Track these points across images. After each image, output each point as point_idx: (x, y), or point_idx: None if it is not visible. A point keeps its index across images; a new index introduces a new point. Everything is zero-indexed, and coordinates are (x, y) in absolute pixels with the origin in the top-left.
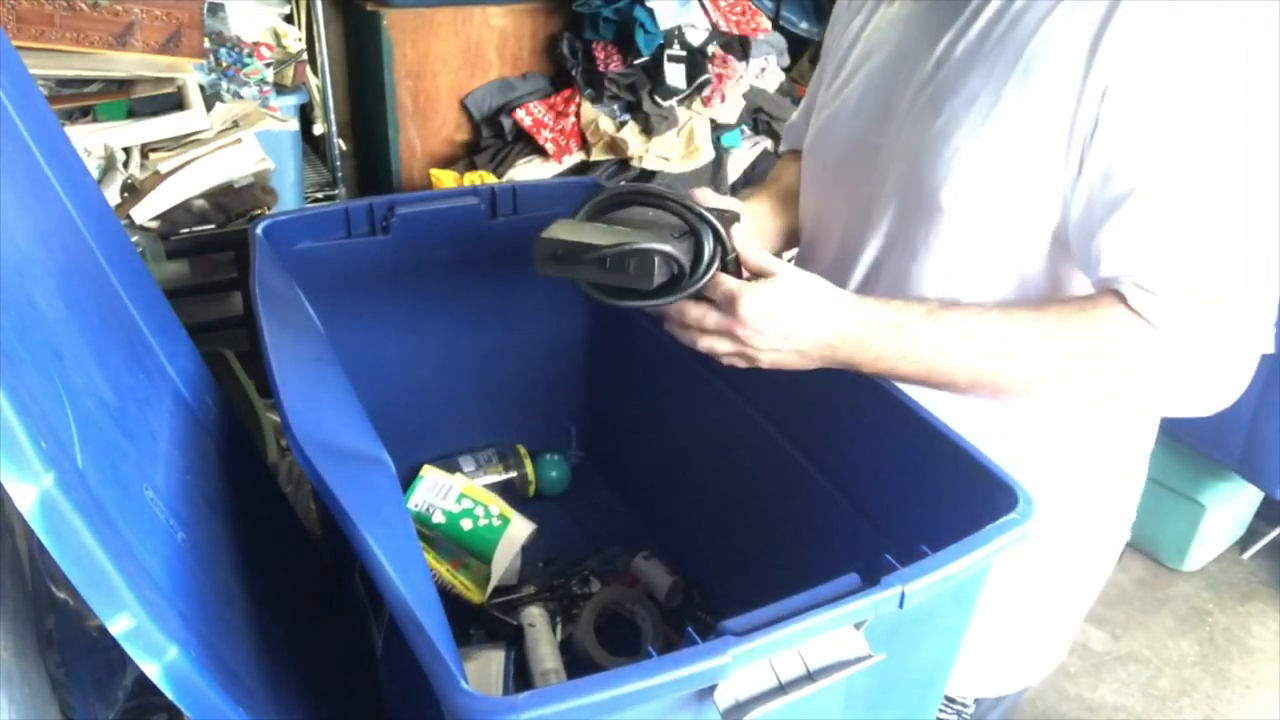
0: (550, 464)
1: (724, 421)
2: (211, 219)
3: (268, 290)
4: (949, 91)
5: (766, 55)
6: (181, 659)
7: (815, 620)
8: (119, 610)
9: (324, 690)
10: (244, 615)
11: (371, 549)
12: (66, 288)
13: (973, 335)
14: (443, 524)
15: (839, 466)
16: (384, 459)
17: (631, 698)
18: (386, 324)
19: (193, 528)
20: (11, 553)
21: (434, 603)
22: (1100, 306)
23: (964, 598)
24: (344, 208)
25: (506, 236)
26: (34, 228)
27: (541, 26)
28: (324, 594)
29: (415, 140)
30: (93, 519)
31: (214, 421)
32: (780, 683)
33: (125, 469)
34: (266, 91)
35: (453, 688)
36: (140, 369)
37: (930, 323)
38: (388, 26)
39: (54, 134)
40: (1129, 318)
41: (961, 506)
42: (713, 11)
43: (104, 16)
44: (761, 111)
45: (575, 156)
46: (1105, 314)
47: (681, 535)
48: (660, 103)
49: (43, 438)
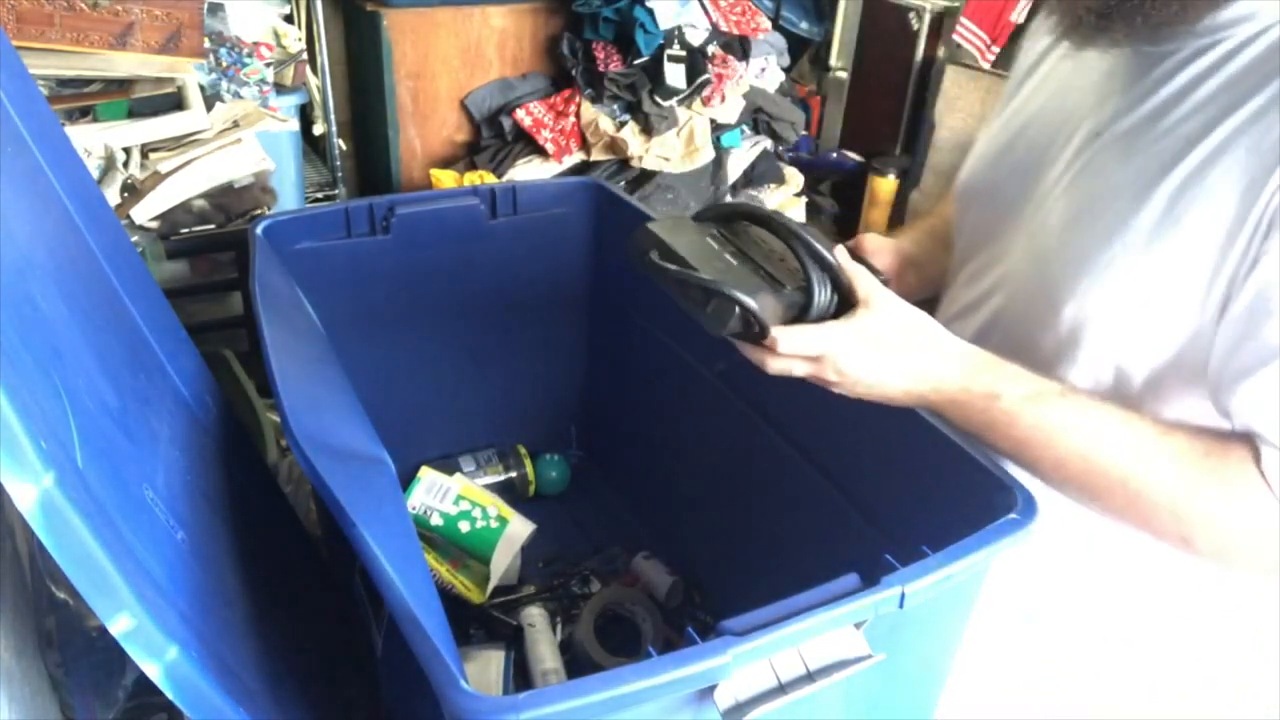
0: (550, 464)
1: (724, 421)
2: (211, 219)
3: (268, 290)
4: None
5: (766, 55)
6: (181, 659)
7: (815, 620)
8: (119, 610)
9: (324, 690)
10: (244, 615)
11: (371, 549)
12: (66, 288)
13: (1074, 437)
14: (441, 526)
15: (839, 466)
16: (384, 459)
17: (631, 698)
18: (386, 324)
19: (193, 528)
20: (11, 553)
21: (434, 603)
22: (1230, 460)
23: (964, 598)
24: (344, 208)
25: (506, 236)
26: (34, 228)
27: (541, 26)
28: (324, 594)
29: (415, 140)
30: (93, 519)
31: (214, 421)
32: (780, 683)
33: (125, 469)
34: (266, 91)
35: (453, 688)
36: (140, 369)
37: (1029, 407)
38: (388, 26)
39: (54, 134)
40: (1258, 484)
41: (961, 506)
42: (713, 11)
43: (104, 16)
44: (761, 111)
45: (575, 156)
46: (1235, 472)
47: (681, 535)
48: (660, 103)
49: (43, 438)
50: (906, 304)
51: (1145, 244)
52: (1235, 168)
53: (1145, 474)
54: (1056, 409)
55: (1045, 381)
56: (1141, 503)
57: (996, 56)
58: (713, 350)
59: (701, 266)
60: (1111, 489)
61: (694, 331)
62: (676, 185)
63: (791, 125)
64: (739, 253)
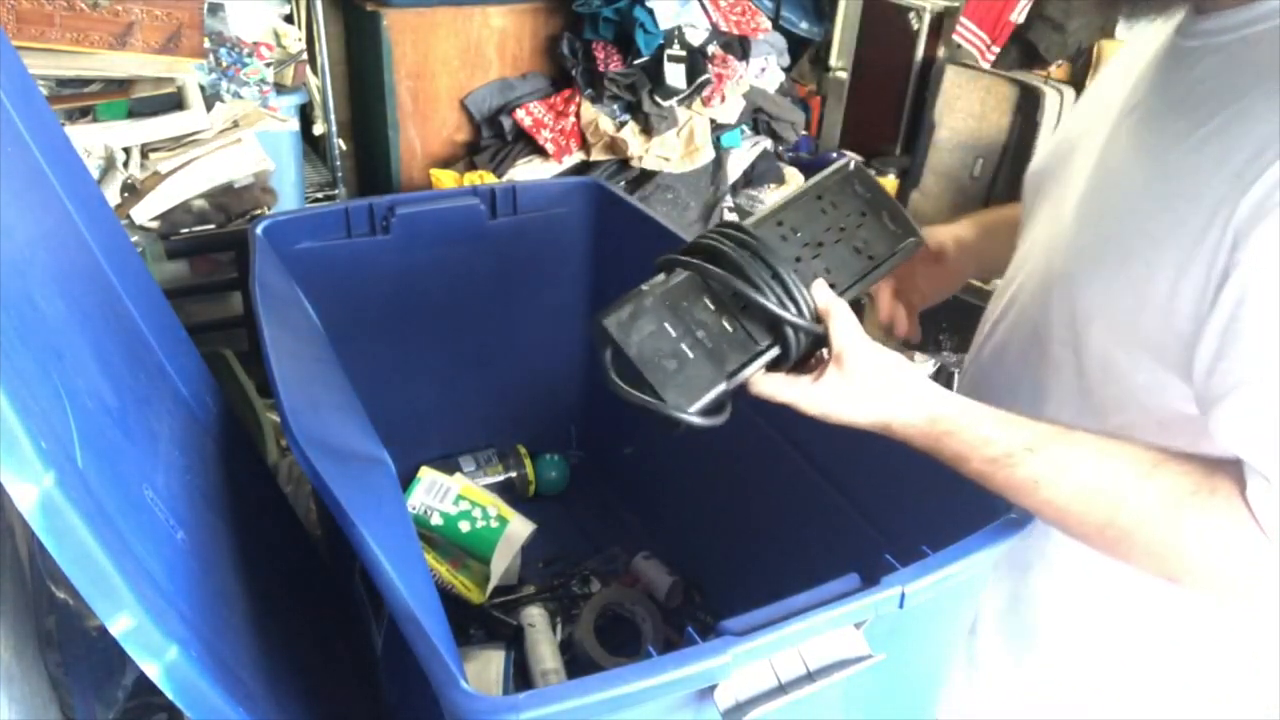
0: (550, 464)
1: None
2: (211, 219)
3: (268, 290)
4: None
5: (766, 55)
6: (181, 659)
7: (815, 620)
8: (119, 610)
9: (324, 690)
10: (244, 615)
11: (371, 549)
12: (66, 288)
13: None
14: (441, 526)
15: (839, 467)
16: (384, 459)
17: (631, 698)
18: (386, 324)
19: (193, 528)
20: (11, 553)
21: (434, 603)
22: (1218, 496)
23: (964, 598)
24: (344, 208)
25: (506, 236)
26: (34, 228)
27: (541, 26)
28: (324, 594)
29: (415, 140)
30: (93, 519)
31: (214, 421)
32: (780, 682)
33: (125, 469)
34: (266, 91)
35: (453, 688)
36: (140, 369)
37: (999, 472)
38: (387, 27)
39: (54, 134)
40: (1245, 520)
41: (961, 506)
42: (713, 11)
43: (104, 16)
44: (761, 111)
45: (575, 156)
46: (1222, 508)
47: (681, 535)
48: (660, 103)
49: (43, 438)
50: (878, 352)
51: (1138, 226)
52: (1207, 166)
53: (1128, 518)
54: (1026, 468)
55: (1015, 431)
56: (1125, 544)
57: (996, 56)
58: None
59: (656, 378)
60: (1088, 536)
61: None
62: (676, 185)
63: (791, 125)
64: (704, 328)
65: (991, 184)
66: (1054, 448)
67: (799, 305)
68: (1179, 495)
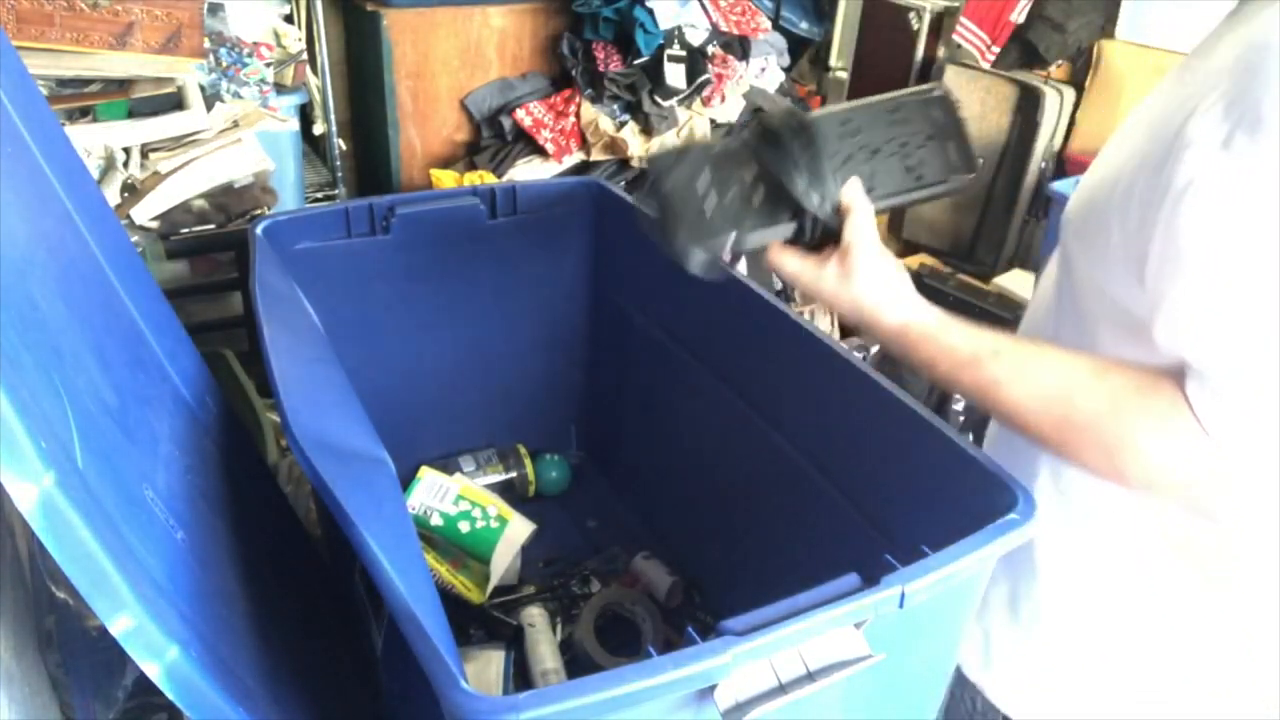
0: (550, 464)
1: (724, 421)
2: (211, 219)
3: (268, 290)
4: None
5: (766, 55)
6: (181, 659)
7: (815, 620)
8: (119, 610)
9: (324, 690)
10: (244, 615)
11: (371, 549)
12: (66, 288)
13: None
14: (440, 526)
15: (839, 466)
16: (384, 459)
17: (631, 698)
18: (386, 324)
19: (193, 528)
20: (11, 553)
21: (434, 603)
22: (1162, 393)
23: (964, 598)
24: (344, 208)
25: (506, 236)
26: (34, 228)
27: (541, 26)
28: (324, 594)
29: (415, 140)
30: (93, 519)
31: (214, 421)
32: (780, 682)
33: (125, 469)
34: (266, 91)
35: (453, 688)
36: (140, 369)
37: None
38: (387, 26)
39: (54, 134)
40: (1187, 417)
41: (961, 506)
42: (713, 11)
43: (104, 16)
44: (761, 111)
45: (575, 156)
46: (1166, 405)
47: (681, 535)
48: (660, 103)
49: (43, 438)
50: (880, 255)
51: (1133, 172)
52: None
53: (1080, 416)
54: (989, 369)
55: (982, 339)
56: (1076, 442)
57: (996, 57)
58: (712, 350)
59: (675, 212)
60: (1045, 435)
61: (694, 331)
62: None
63: None
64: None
65: (991, 184)
66: (1016, 353)
67: (823, 196)
68: (1127, 393)
